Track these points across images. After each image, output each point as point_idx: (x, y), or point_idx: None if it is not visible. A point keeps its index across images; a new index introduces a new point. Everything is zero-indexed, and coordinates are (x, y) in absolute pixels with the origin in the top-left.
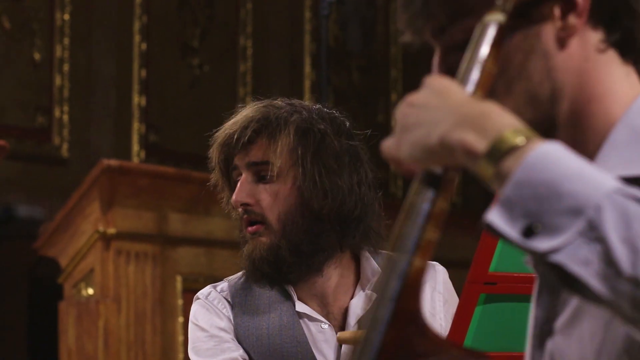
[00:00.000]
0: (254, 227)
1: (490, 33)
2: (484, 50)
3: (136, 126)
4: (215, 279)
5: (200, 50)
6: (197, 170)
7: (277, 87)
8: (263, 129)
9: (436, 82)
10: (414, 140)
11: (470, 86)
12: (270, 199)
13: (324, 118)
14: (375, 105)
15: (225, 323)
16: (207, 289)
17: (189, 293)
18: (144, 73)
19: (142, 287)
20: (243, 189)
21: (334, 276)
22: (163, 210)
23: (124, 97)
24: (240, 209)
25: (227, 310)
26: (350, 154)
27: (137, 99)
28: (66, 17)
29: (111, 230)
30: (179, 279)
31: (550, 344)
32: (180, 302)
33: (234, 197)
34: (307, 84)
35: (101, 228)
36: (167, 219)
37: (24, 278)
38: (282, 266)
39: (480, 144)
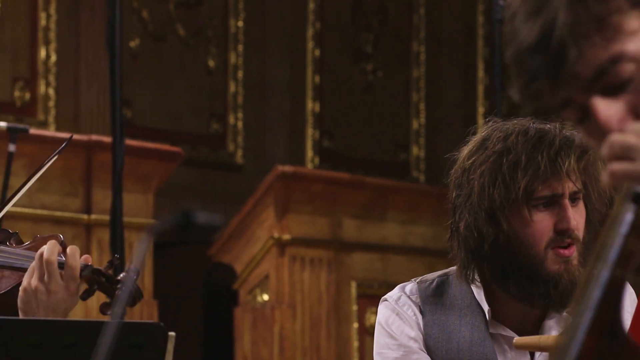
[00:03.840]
0: (572, 249)
1: None
2: None
3: (310, 132)
4: (389, 285)
5: (374, 56)
6: (371, 176)
7: (450, 92)
8: (581, 158)
9: None
10: None
11: None
12: (582, 222)
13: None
14: (548, 110)
15: (415, 332)
16: (397, 292)
17: (364, 298)
18: (317, 79)
19: (316, 292)
20: (572, 215)
21: None
22: (337, 216)
23: (297, 103)
24: (562, 235)
25: (417, 318)
26: None
27: (311, 105)
28: (240, 24)
29: (286, 236)
30: (353, 284)
31: None
32: (355, 307)
33: (571, 224)
34: (480, 89)
35: (276, 234)
36: (341, 225)
37: (200, 284)
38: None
39: None
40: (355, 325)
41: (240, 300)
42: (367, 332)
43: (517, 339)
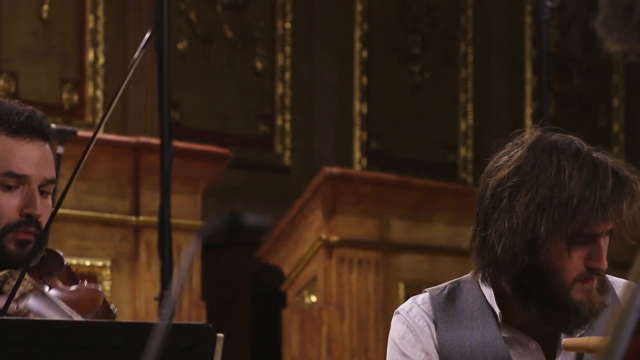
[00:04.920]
0: (595, 280)
1: None
2: None
3: (358, 133)
4: None
5: (421, 57)
6: (419, 177)
7: (498, 93)
8: (631, 204)
9: None
10: None
11: None
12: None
13: None
14: (596, 111)
15: (428, 345)
16: (409, 303)
17: None
18: (365, 80)
19: (364, 294)
20: (604, 254)
21: None
22: (385, 217)
23: (345, 105)
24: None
25: (430, 328)
26: None
27: (359, 107)
28: (287, 25)
29: (334, 238)
30: (401, 285)
31: None
32: None
33: (601, 264)
34: (528, 89)
35: (324, 236)
36: (389, 226)
37: (248, 285)
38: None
39: None
40: None
41: (288, 302)
42: None
43: (566, 340)
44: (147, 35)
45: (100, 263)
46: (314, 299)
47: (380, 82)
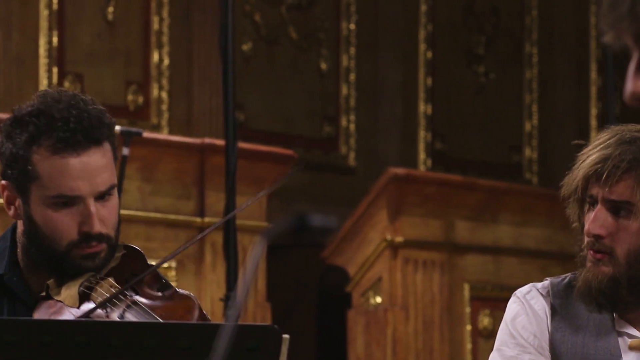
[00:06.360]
0: (600, 255)
1: None
2: None
3: (422, 134)
4: (502, 287)
5: (486, 58)
6: (484, 178)
7: (563, 93)
8: (632, 170)
9: None
10: None
11: None
12: (622, 235)
13: None
14: None
15: (539, 329)
16: (527, 287)
17: (477, 301)
18: (429, 81)
19: (429, 295)
20: (599, 221)
21: None
22: (450, 218)
23: (410, 106)
24: (590, 239)
25: (544, 312)
26: None
27: (423, 107)
28: (352, 26)
29: (399, 239)
30: (466, 286)
31: None
32: (467, 310)
33: (588, 227)
34: (593, 90)
35: (389, 236)
36: (454, 227)
37: (313, 286)
38: (617, 300)
39: None
40: (468, 327)
41: (354, 303)
42: (480, 335)
43: (632, 341)
44: None
45: (165, 264)
46: (379, 300)
47: (444, 82)
